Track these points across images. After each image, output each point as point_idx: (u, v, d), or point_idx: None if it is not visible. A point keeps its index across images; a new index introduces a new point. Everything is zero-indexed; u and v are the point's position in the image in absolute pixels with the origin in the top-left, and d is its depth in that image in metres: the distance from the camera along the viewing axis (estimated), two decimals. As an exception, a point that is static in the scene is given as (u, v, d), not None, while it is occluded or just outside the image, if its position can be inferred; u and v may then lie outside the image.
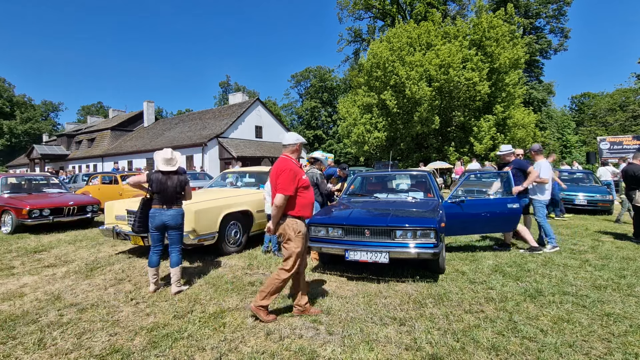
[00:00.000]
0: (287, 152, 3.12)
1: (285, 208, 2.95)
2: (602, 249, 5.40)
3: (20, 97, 60.28)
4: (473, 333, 2.75)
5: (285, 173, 2.90)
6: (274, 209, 2.91)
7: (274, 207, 2.91)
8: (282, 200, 2.87)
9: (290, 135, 3.16)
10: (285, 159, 3.06)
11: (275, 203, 2.89)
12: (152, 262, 3.77)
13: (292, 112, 54.29)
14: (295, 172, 2.94)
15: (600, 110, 37.25)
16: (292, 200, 2.94)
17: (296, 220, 2.99)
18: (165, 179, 3.74)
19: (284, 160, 3.05)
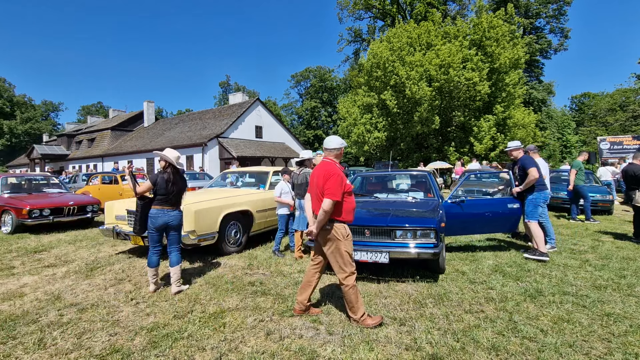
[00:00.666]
0: (331, 156, 3.06)
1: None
2: (602, 249, 5.39)
3: (21, 97, 60.29)
4: (473, 333, 2.75)
5: (333, 178, 2.84)
6: (323, 214, 2.82)
7: (322, 212, 2.81)
8: (331, 206, 2.80)
9: (334, 139, 3.09)
10: (330, 162, 2.99)
11: (323, 208, 2.80)
12: (152, 262, 3.78)
13: (292, 112, 54.30)
14: (342, 177, 2.89)
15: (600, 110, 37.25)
16: (339, 205, 2.88)
17: (344, 224, 2.96)
18: (172, 181, 3.76)
19: (330, 164, 2.98)
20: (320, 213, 2.84)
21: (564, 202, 9.52)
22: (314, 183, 3.01)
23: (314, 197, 3.00)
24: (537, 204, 4.94)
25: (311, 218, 3.11)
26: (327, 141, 3.09)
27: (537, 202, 4.94)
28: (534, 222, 4.89)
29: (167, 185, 3.73)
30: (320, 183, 2.91)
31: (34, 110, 61.02)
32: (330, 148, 3.06)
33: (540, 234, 4.80)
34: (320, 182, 2.90)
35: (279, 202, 5.25)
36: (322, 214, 2.83)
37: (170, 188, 3.74)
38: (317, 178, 2.95)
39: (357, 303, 2.91)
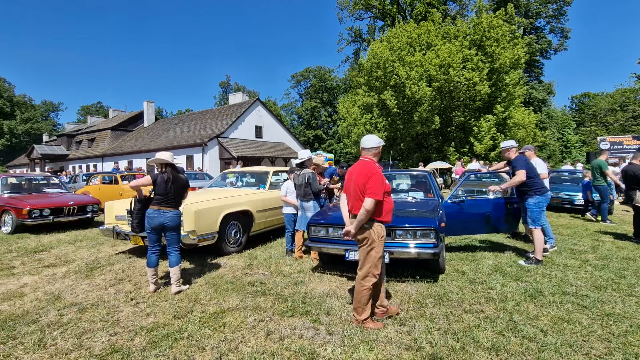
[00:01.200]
0: (370, 155, 3.04)
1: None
2: (602, 249, 5.39)
3: (21, 97, 60.31)
4: (473, 333, 2.75)
5: (375, 177, 2.83)
6: (365, 213, 2.78)
7: (364, 211, 2.77)
8: (373, 205, 2.77)
9: (372, 138, 3.07)
10: (369, 162, 2.98)
11: (365, 207, 2.77)
12: (151, 262, 3.77)
13: (292, 112, 54.31)
14: (382, 176, 2.89)
15: (601, 110, 37.26)
16: (380, 205, 2.85)
17: (381, 224, 2.94)
18: (172, 182, 3.74)
19: (369, 163, 2.97)
20: (361, 212, 2.80)
21: (564, 202, 9.52)
22: (352, 182, 2.97)
23: (352, 196, 2.96)
24: (541, 209, 4.68)
25: (347, 218, 3.08)
26: (365, 140, 3.07)
27: (542, 206, 4.68)
28: (539, 229, 4.61)
29: (166, 185, 3.71)
30: (360, 182, 2.88)
31: (34, 110, 61.02)
32: (368, 147, 3.05)
33: (542, 242, 4.60)
34: (361, 181, 2.87)
35: (285, 202, 5.26)
36: (364, 213, 2.78)
37: (170, 187, 3.72)
38: (357, 177, 2.92)
39: (365, 305, 2.90)
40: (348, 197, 3.05)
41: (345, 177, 3.14)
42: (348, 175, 3.07)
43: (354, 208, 2.94)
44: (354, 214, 2.93)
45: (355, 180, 2.93)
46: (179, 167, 3.94)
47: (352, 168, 3.07)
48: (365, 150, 3.06)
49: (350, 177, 3.02)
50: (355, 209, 2.92)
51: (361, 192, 2.86)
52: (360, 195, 2.87)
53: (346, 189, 3.09)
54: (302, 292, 3.67)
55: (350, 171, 3.06)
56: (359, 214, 2.82)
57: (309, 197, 4.94)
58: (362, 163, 3.00)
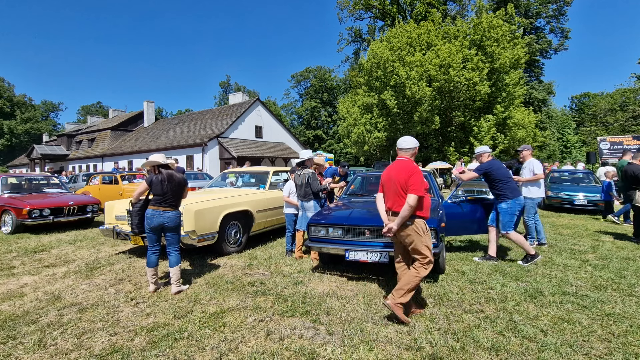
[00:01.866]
0: (408, 155, 3.17)
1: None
2: (602, 249, 5.39)
3: (21, 97, 60.32)
4: (473, 333, 2.75)
5: (417, 175, 2.94)
6: (408, 209, 2.88)
7: (408, 207, 2.87)
8: (416, 201, 2.89)
9: (409, 139, 3.20)
10: (408, 161, 3.11)
11: (409, 203, 2.87)
12: (151, 262, 3.77)
13: (292, 112, 54.33)
14: (422, 174, 3.00)
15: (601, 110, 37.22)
16: (421, 201, 2.96)
17: (424, 220, 3.03)
18: (169, 180, 3.74)
19: (408, 161, 3.09)
20: (405, 208, 2.89)
21: (564, 202, 9.52)
22: (391, 180, 3.05)
23: (392, 194, 3.04)
24: (513, 213, 4.56)
25: (385, 216, 3.15)
26: (403, 142, 3.20)
27: (514, 211, 4.57)
28: (511, 232, 4.54)
29: (162, 185, 3.70)
30: (401, 179, 2.98)
31: (34, 110, 61.04)
32: (406, 148, 3.17)
33: (521, 238, 4.53)
34: (402, 179, 2.98)
35: (287, 202, 5.26)
36: (408, 210, 2.88)
37: (166, 187, 3.70)
38: (398, 175, 3.02)
39: (408, 292, 2.94)
40: (387, 195, 3.15)
41: (382, 177, 3.24)
42: (386, 175, 3.17)
43: (394, 205, 3.03)
44: (394, 211, 3.02)
45: (395, 179, 3.03)
46: (178, 168, 3.94)
47: (390, 168, 3.19)
48: (403, 151, 3.19)
49: (388, 177, 3.12)
50: (396, 206, 3.01)
51: (402, 189, 2.97)
52: (401, 193, 2.97)
53: (386, 187, 3.17)
54: (302, 292, 3.67)
55: (388, 171, 3.17)
56: (402, 210, 2.92)
57: (309, 197, 4.94)
58: (400, 162, 3.12)
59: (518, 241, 4.53)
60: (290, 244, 5.26)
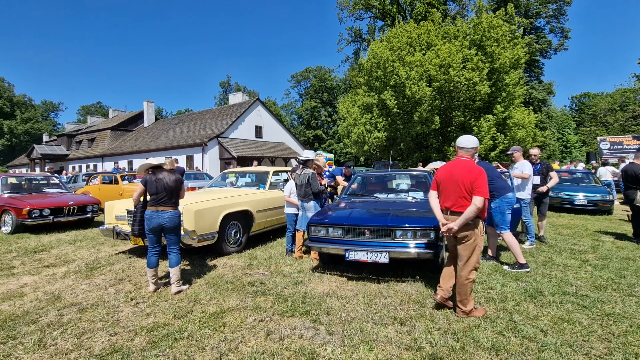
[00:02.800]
0: (469, 154, 3.15)
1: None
2: (602, 249, 5.39)
3: (21, 97, 60.32)
4: (473, 333, 2.75)
5: (482, 176, 2.94)
6: (475, 211, 2.88)
7: (475, 209, 2.87)
8: (483, 203, 2.89)
9: (471, 139, 3.19)
10: (469, 161, 3.11)
11: (477, 205, 2.87)
12: (151, 262, 3.77)
13: (292, 112, 54.33)
14: (486, 175, 3.01)
15: (600, 110, 37.22)
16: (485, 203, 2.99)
17: (481, 220, 3.04)
18: (162, 180, 3.73)
19: (471, 162, 3.10)
20: (471, 210, 2.89)
21: (564, 202, 9.52)
22: (453, 180, 3.03)
23: (454, 194, 3.03)
24: (503, 212, 4.49)
25: (440, 215, 3.14)
26: (465, 141, 3.17)
27: (502, 209, 4.49)
28: (507, 233, 4.46)
29: (156, 184, 3.71)
30: (467, 181, 2.96)
31: (34, 110, 61.04)
32: (468, 147, 3.15)
33: (516, 244, 4.40)
34: (467, 179, 2.96)
35: (288, 202, 5.27)
36: (474, 211, 2.88)
37: (160, 186, 3.71)
38: (463, 175, 3.00)
39: (469, 297, 3.03)
40: (444, 194, 3.12)
41: (440, 176, 3.21)
42: (445, 174, 3.14)
43: (454, 205, 3.02)
44: (454, 211, 3.02)
45: (459, 179, 3.00)
46: (178, 168, 3.94)
47: (450, 167, 3.15)
48: (464, 150, 3.16)
49: (448, 176, 3.09)
50: (457, 207, 3.00)
51: (467, 190, 2.96)
52: (465, 194, 2.96)
53: (445, 186, 3.12)
54: (302, 292, 3.67)
55: (449, 170, 3.13)
56: (466, 211, 2.91)
57: (309, 197, 4.94)
58: (463, 162, 3.09)
59: (510, 245, 4.40)
60: (291, 244, 5.26)
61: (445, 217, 3.10)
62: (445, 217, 3.09)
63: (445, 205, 3.10)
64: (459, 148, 3.20)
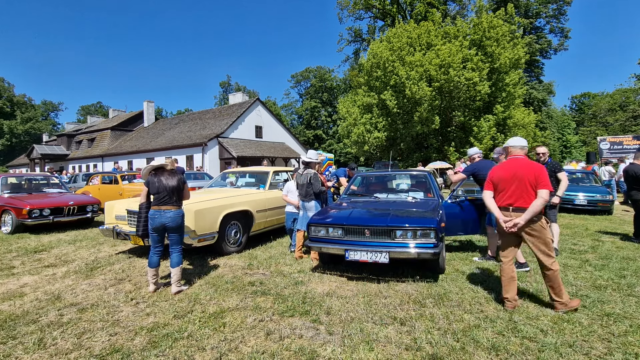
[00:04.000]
0: (523, 153, 3.34)
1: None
2: (602, 249, 5.39)
3: (21, 97, 60.33)
4: (473, 333, 2.75)
5: (544, 171, 3.13)
6: (543, 203, 3.05)
7: (542, 202, 3.04)
8: (548, 195, 3.09)
9: (521, 140, 3.38)
10: (527, 158, 3.30)
11: (544, 197, 3.05)
12: (152, 262, 3.77)
13: (292, 112, 54.33)
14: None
15: (601, 110, 37.22)
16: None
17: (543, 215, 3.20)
18: (162, 180, 3.74)
19: (528, 159, 3.29)
20: (539, 204, 3.04)
21: (564, 202, 9.51)
22: (517, 177, 3.17)
23: (519, 190, 3.16)
24: None
25: (499, 212, 3.26)
26: (519, 140, 3.36)
27: None
28: None
29: (157, 184, 3.73)
30: (531, 175, 3.12)
31: (34, 110, 61.04)
32: (522, 145, 3.34)
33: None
34: (532, 175, 3.12)
35: (286, 201, 5.41)
36: (542, 203, 3.05)
37: (160, 187, 3.72)
38: (526, 172, 3.15)
39: (561, 286, 3.12)
40: (506, 192, 3.23)
41: (498, 175, 3.33)
42: (505, 172, 3.26)
43: (518, 201, 3.16)
44: (517, 207, 3.15)
45: (524, 175, 3.14)
46: (178, 168, 3.95)
47: (510, 166, 3.27)
48: (519, 149, 3.35)
49: (510, 174, 3.22)
50: (521, 202, 3.14)
51: (532, 185, 3.11)
52: (530, 189, 3.12)
53: (507, 184, 3.24)
54: (302, 292, 3.67)
55: (508, 169, 3.26)
56: (534, 205, 3.05)
57: (310, 197, 4.96)
58: (523, 160, 3.26)
59: None
60: (294, 239, 5.36)
61: (506, 214, 3.21)
62: (506, 214, 3.21)
63: (507, 203, 3.22)
64: (512, 147, 3.37)
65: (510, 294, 3.21)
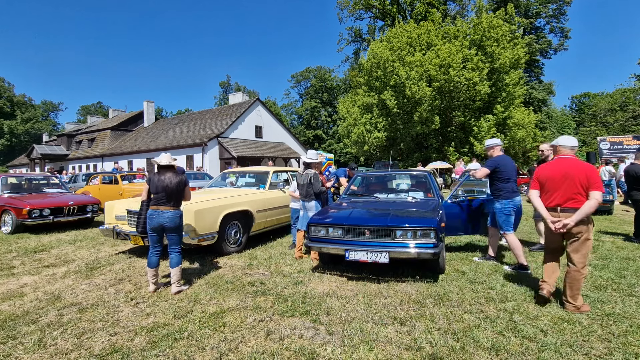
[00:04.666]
0: (573, 152, 3.29)
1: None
2: (602, 249, 5.39)
3: (21, 96, 60.35)
4: (473, 333, 2.75)
5: (595, 171, 3.10)
6: (595, 205, 3.00)
7: (595, 203, 2.99)
8: (601, 198, 3.02)
9: (572, 138, 3.32)
10: (577, 158, 3.27)
11: (598, 199, 2.99)
12: (152, 262, 3.77)
13: (292, 112, 54.33)
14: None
15: (601, 110, 37.21)
16: None
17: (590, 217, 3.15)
18: (164, 180, 3.73)
19: (578, 159, 3.26)
20: (591, 205, 2.99)
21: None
22: (568, 177, 3.12)
23: (569, 191, 3.11)
24: (508, 214, 4.42)
25: (546, 212, 3.22)
26: (570, 140, 3.30)
27: (507, 210, 4.42)
28: (510, 234, 4.39)
29: (157, 184, 3.72)
30: (582, 176, 3.07)
31: (34, 110, 61.05)
32: (572, 145, 3.28)
33: (518, 245, 4.34)
34: (583, 175, 3.07)
35: (293, 197, 5.52)
36: (595, 205, 3.00)
37: (160, 187, 3.71)
38: (577, 172, 3.10)
39: (580, 290, 3.13)
40: (556, 192, 3.18)
41: (546, 174, 3.28)
42: (554, 172, 3.21)
43: (568, 201, 3.11)
44: (566, 208, 3.11)
45: (575, 175, 3.10)
46: (178, 168, 3.95)
47: (560, 165, 3.22)
48: (569, 149, 3.28)
49: (559, 174, 3.17)
50: (572, 202, 3.09)
51: (583, 186, 3.06)
52: (581, 189, 3.07)
53: (557, 184, 3.19)
54: (302, 292, 3.67)
55: (558, 168, 3.21)
56: (586, 206, 3.00)
57: (310, 197, 4.97)
58: (572, 160, 3.21)
59: (513, 246, 4.37)
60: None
61: (553, 214, 3.16)
62: (554, 215, 3.16)
63: (556, 203, 3.17)
64: (561, 147, 3.30)
65: (552, 278, 3.30)
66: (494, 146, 4.76)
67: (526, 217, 8.12)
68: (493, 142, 4.79)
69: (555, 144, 3.36)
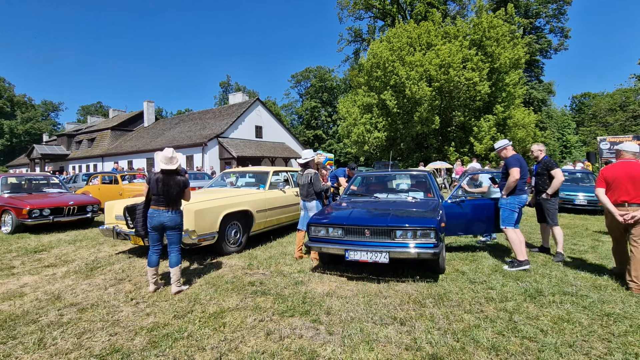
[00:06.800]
0: (635, 157, 3.77)
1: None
2: (602, 249, 5.39)
3: (21, 96, 60.37)
4: (473, 333, 2.75)
5: None
6: None
7: None
8: None
9: (636, 145, 3.83)
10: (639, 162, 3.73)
11: None
12: (152, 262, 3.77)
13: (292, 112, 54.34)
14: None
15: (601, 110, 37.17)
16: None
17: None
18: (164, 181, 3.72)
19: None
20: None
21: (564, 202, 9.51)
22: (631, 177, 3.61)
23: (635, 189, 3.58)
24: (512, 209, 4.50)
25: (614, 208, 3.67)
26: (630, 147, 3.82)
27: (513, 207, 4.50)
28: (510, 229, 4.50)
29: (157, 185, 3.71)
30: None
31: (34, 110, 61.08)
32: (634, 151, 3.79)
33: (517, 241, 4.41)
34: None
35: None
36: None
37: (161, 188, 3.70)
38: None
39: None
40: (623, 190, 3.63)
41: (612, 174, 3.75)
42: (620, 172, 3.69)
43: (636, 198, 3.58)
44: (633, 203, 3.57)
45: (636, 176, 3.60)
46: (180, 169, 3.93)
47: (624, 167, 3.71)
48: (631, 154, 3.80)
49: (625, 174, 3.65)
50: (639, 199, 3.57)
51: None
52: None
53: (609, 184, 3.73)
54: (302, 292, 3.67)
55: (623, 169, 3.70)
56: None
57: (311, 197, 4.96)
58: (634, 163, 3.71)
59: (512, 240, 4.44)
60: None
61: (621, 209, 3.63)
62: (621, 209, 3.63)
63: (623, 199, 3.64)
64: (625, 152, 3.82)
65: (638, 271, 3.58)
66: (506, 146, 4.79)
67: (526, 217, 8.12)
68: (504, 143, 4.82)
69: (620, 149, 3.86)
